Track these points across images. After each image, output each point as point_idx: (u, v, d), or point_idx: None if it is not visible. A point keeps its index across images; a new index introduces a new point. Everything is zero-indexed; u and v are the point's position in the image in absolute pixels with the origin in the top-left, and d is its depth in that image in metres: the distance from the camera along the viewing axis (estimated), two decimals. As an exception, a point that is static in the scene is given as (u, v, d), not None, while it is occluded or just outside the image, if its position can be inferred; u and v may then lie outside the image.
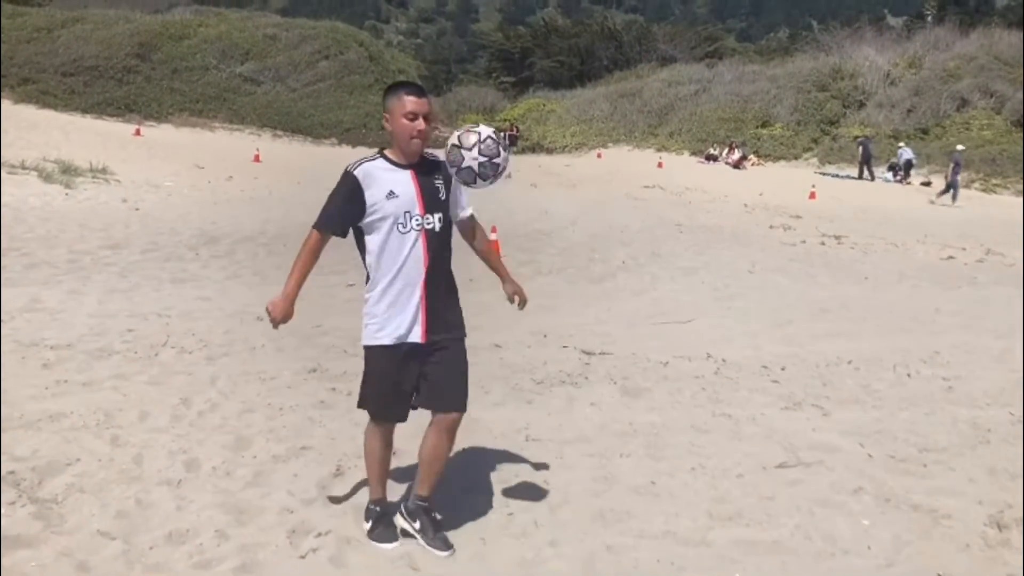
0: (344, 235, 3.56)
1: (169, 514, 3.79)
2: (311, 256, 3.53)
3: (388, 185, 3.46)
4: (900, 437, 5.23)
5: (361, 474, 4.31)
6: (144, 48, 37.94)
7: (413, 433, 3.86)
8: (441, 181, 3.56)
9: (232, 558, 3.47)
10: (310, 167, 24.33)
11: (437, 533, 3.66)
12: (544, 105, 45.66)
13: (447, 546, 3.63)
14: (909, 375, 6.65)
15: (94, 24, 39.31)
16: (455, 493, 4.08)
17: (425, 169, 3.54)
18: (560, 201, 19.29)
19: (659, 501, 4.20)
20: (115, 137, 25.50)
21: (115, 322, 6.99)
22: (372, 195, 3.44)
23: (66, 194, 14.17)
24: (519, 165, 25.02)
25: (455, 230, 3.70)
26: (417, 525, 3.68)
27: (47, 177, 14.87)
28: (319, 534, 3.69)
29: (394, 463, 3.96)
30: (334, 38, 41.69)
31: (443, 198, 3.56)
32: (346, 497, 4.09)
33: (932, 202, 25.15)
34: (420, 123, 3.44)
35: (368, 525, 3.75)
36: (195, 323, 7.19)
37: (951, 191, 25.15)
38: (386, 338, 3.50)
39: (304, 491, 4.10)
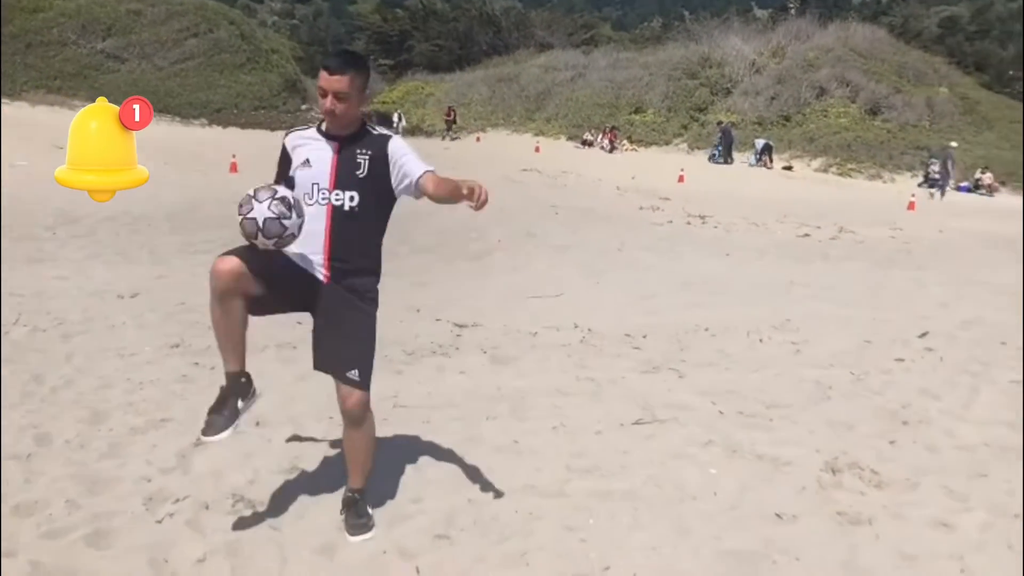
0: None
1: (17, 487, 3.66)
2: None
3: (307, 154, 3.35)
4: (750, 396, 5.53)
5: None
6: (-6, 21, 35.65)
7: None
8: (367, 158, 3.30)
9: (83, 526, 3.40)
10: (178, 148, 23.38)
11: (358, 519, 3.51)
12: (423, 88, 45.54)
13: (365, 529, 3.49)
14: (761, 340, 7.03)
15: (-63, -6, 36.67)
16: (322, 457, 4.10)
17: (356, 144, 3.32)
18: (437, 183, 19.24)
19: (521, 458, 4.34)
20: (-38, 114, 23.87)
21: (-40, 302, 6.62)
22: (295, 162, 3.37)
23: (-94, 173, 13.24)
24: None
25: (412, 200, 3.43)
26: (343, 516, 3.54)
27: None
28: (177, 500, 3.65)
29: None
30: (203, 15, 40.16)
31: (363, 176, 3.29)
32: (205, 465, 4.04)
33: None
34: (329, 101, 3.21)
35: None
36: (50, 302, 6.89)
37: (941, 186, 25.98)
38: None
39: (163, 460, 4.03)
